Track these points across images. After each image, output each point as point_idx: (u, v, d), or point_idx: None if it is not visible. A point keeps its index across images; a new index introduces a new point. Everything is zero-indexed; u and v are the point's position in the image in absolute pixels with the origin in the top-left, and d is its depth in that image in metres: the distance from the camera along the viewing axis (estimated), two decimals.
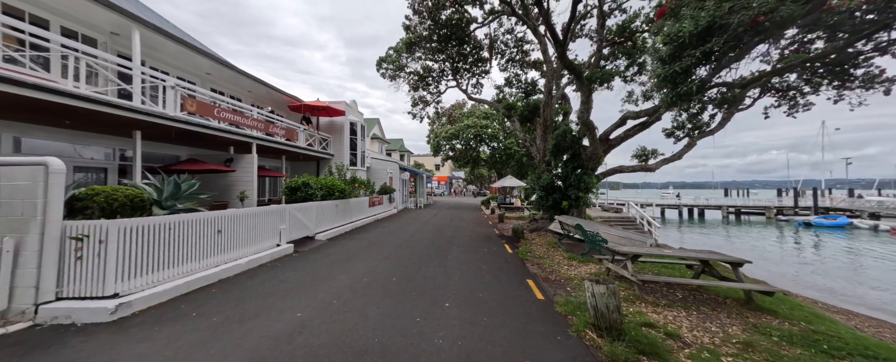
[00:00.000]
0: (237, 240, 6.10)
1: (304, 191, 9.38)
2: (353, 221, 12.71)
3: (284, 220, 7.77)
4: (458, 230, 12.38)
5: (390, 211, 19.00)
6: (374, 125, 29.50)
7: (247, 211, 6.40)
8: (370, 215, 15.10)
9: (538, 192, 11.95)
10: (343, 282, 5.37)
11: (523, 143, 23.60)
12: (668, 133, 12.34)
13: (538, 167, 12.86)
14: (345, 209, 11.96)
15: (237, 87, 13.45)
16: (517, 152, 23.59)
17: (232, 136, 9.88)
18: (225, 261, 5.74)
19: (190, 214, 5.05)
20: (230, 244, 5.91)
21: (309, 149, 14.66)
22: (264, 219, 7.01)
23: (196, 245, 5.15)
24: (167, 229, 4.69)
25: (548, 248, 8.98)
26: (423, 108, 20.01)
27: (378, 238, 10.12)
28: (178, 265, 4.83)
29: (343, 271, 6.12)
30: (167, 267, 4.67)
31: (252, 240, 6.57)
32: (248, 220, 6.43)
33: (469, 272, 6.22)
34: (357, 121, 18.43)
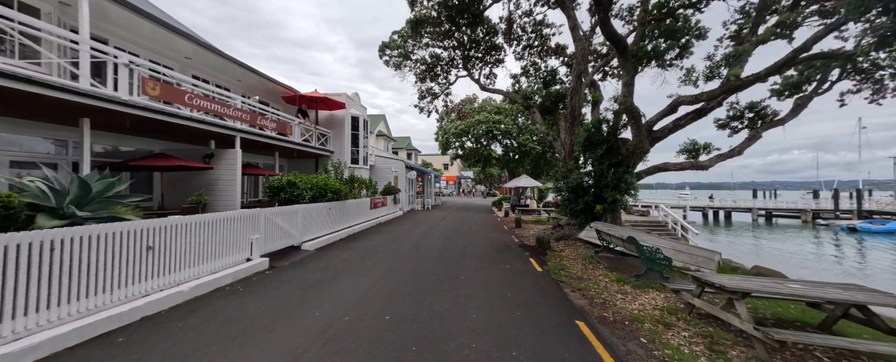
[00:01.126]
0: (181, 257, 4.59)
1: (289, 191, 7.90)
2: (351, 226, 11.19)
3: (258, 228, 6.26)
4: (470, 237, 10.73)
5: (395, 213, 17.48)
6: (380, 121, 28.08)
7: (198, 219, 4.89)
8: (371, 218, 13.58)
9: (565, 194, 10.19)
10: (314, 324, 3.79)
11: (544, 138, 21.74)
12: (721, 124, 10.44)
13: (564, 164, 11.09)
14: (340, 212, 10.45)
15: (225, 76, 12.09)
16: (532, 149, 21.77)
17: (209, 128, 8.46)
18: (159, 288, 4.23)
19: (100, 226, 3.55)
20: (169, 264, 4.40)
21: (305, 144, 13.22)
22: (228, 227, 5.51)
23: (110, 269, 3.66)
24: (58, 248, 3.20)
25: (584, 264, 7.25)
26: (431, 101, 18.40)
27: (377, 247, 8.55)
28: (72, 301, 3.33)
29: (321, 300, 4.55)
30: (49, 305, 3.17)
31: (207, 257, 5.07)
32: (199, 231, 4.92)
33: (491, 304, 4.57)
34: (359, 116, 16.95)
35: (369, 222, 13.00)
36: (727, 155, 9.48)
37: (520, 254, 8.18)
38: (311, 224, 8.40)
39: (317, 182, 8.94)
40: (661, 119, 9.07)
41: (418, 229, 12.43)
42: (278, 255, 7.01)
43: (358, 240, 9.60)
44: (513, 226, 13.84)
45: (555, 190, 10.81)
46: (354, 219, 11.74)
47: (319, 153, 14.59)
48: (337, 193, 9.78)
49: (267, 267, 6.16)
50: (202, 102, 8.43)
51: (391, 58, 15.19)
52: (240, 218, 5.79)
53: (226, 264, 5.44)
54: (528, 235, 11.26)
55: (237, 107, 9.70)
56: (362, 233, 11.01)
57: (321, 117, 16.29)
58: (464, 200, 39.04)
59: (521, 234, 11.59)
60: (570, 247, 9.10)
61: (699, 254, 6.91)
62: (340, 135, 16.13)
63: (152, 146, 9.57)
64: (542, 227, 13.45)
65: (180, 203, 9.26)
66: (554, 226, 11.67)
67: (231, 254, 5.59)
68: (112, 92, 6.25)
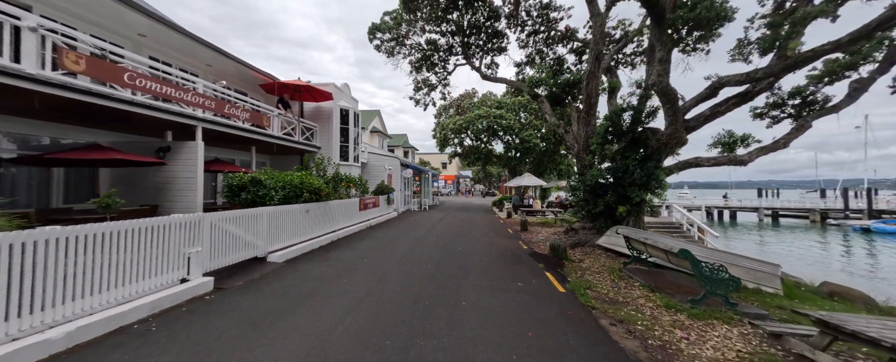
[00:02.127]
0: (60, 286, 3.19)
1: (252, 191, 6.49)
2: (335, 230, 9.78)
3: (200, 239, 4.85)
4: (471, 243, 9.35)
5: (388, 214, 16.08)
6: (374, 117, 26.64)
7: (94, 230, 3.48)
8: (360, 221, 12.18)
9: (581, 194, 8.83)
10: None
11: (548, 134, 20.33)
12: (758, 113, 9.10)
13: (579, 159, 9.73)
14: (322, 215, 9.04)
15: (192, 60, 10.63)
16: (536, 146, 20.40)
17: (159, 115, 7.05)
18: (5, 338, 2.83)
19: None
20: (37, 297, 3.00)
21: (286, 138, 11.80)
22: (150, 239, 4.10)
23: None
24: None
25: (613, 280, 5.89)
26: (427, 93, 16.98)
27: (361, 257, 7.16)
28: None
29: (262, 348, 3.15)
30: None
31: (113, 282, 3.66)
32: (99, 246, 3.51)
33: (508, 354, 3.19)
34: (349, 108, 15.53)
35: (358, 225, 11.61)
36: (770, 147, 8.14)
37: (532, 265, 6.81)
38: (281, 230, 6.99)
39: (291, 180, 7.53)
40: (695, 105, 7.73)
41: (413, 233, 11.04)
42: (233, 271, 5.60)
43: (340, 248, 8.20)
44: (518, 229, 12.48)
45: (568, 189, 9.44)
46: (340, 222, 10.34)
47: (304, 148, 13.17)
48: (317, 193, 8.38)
49: (210, 289, 4.76)
50: (150, 84, 6.99)
51: (383, 42, 13.76)
52: (170, 226, 4.38)
53: (145, 289, 4.02)
54: (537, 240, 9.90)
55: (198, 93, 8.27)
56: (348, 239, 9.61)
57: (307, 110, 14.86)
58: (462, 200, 37.68)
59: (530, 239, 10.23)
60: (589, 257, 7.74)
61: (757, 268, 5.57)
62: (328, 130, 14.71)
63: (98, 137, 8.13)
64: (551, 231, 12.10)
65: (137, 204, 7.85)
66: (566, 229, 10.31)
67: (155, 274, 4.17)
68: (9, 63, 4.82)
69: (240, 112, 9.61)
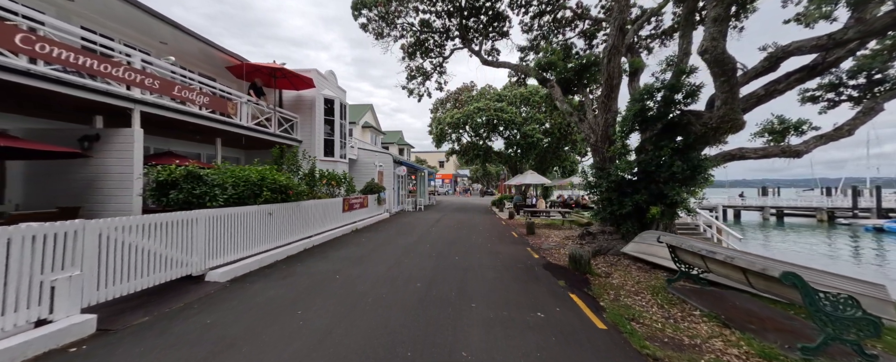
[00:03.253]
0: None
1: (185, 189, 4.96)
2: (310, 236, 8.25)
3: (77, 258, 3.33)
4: (472, 252, 7.88)
5: (379, 215, 14.55)
6: (367, 111, 25.07)
7: None
8: (344, 224, 10.66)
9: (602, 193, 7.38)
10: None
11: (553, 128, 18.86)
12: (809, 97, 7.70)
13: (598, 152, 8.28)
14: (292, 218, 7.52)
15: (142, 36, 9.05)
16: (539, 141, 18.96)
17: (76, 94, 5.53)
18: None
19: None
20: None
21: (257, 129, 10.25)
22: None
23: None
24: None
25: (660, 305, 4.44)
26: (422, 83, 15.47)
27: (334, 273, 5.67)
28: None
29: None
30: None
31: None
32: None
33: None
34: (335, 98, 13.99)
35: (341, 229, 10.08)
36: (832, 136, 6.73)
37: (551, 283, 5.34)
38: (230, 239, 5.46)
39: (246, 175, 6.00)
40: (746, 83, 6.30)
41: (404, 238, 9.54)
42: (145, 299, 4.08)
43: (312, 259, 6.68)
44: (523, 233, 11.02)
45: (584, 186, 7.98)
46: (317, 225, 8.81)
47: (282, 141, 11.61)
48: (283, 192, 6.86)
49: (91, 331, 3.23)
50: (60, 52, 5.44)
51: (370, 21, 12.22)
52: (14, 241, 2.85)
53: None
54: (548, 247, 8.42)
55: (135, 69, 6.71)
56: (325, 247, 8.08)
57: (286, 99, 13.30)
58: (460, 199, 36.24)
59: (538, 245, 8.76)
60: (616, 269, 6.28)
61: (855, 291, 4.13)
62: (310, 122, 13.16)
63: (5, 123, 6.55)
64: (562, 234, 10.65)
65: (53, 205, 6.29)
66: (581, 233, 8.85)
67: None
68: None
69: (195, 96, 8.06)
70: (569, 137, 19.08)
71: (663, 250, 6.01)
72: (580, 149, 20.60)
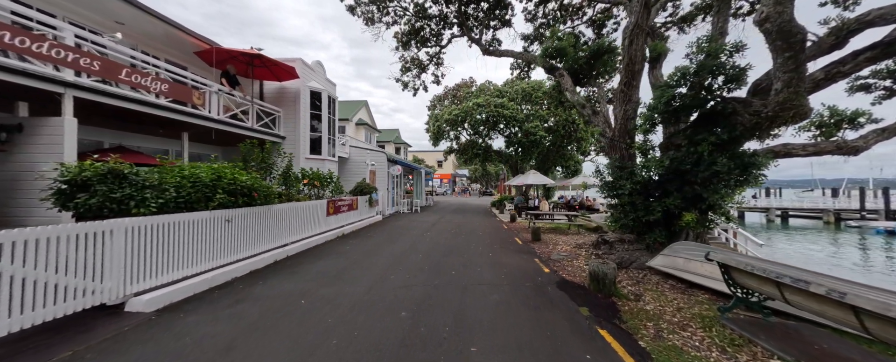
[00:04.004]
0: None
1: (102, 192, 3.84)
2: (285, 245, 7.12)
3: None
4: (471, 264, 6.79)
5: (369, 218, 13.44)
6: (360, 108, 23.93)
7: None
8: (328, 229, 9.54)
9: (624, 195, 6.30)
10: None
11: (558, 125, 17.76)
12: (859, 86, 6.67)
13: (615, 148, 7.21)
14: (259, 225, 6.38)
15: (95, 14, 7.89)
16: (542, 139, 17.89)
17: None
18: None
19: None
20: None
21: (230, 123, 9.13)
22: None
23: None
24: None
25: (720, 346, 3.38)
26: (417, 75, 14.39)
27: (299, 296, 4.57)
28: None
29: None
30: None
31: None
32: None
33: None
34: (321, 91, 12.87)
35: (324, 235, 8.97)
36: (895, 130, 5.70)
37: (570, 310, 4.26)
38: (164, 255, 4.35)
39: (195, 174, 4.89)
40: (810, 60, 5.23)
41: (394, 245, 8.44)
42: (24, 342, 2.97)
43: (275, 277, 5.57)
44: (528, 239, 9.94)
45: (603, 188, 6.90)
46: (294, 232, 7.69)
47: (262, 137, 10.50)
48: (246, 194, 5.74)
49: None
50: None
51: (359, 3, 11.10)
52: None
53: None
54: (559, 258, 7.34)
55: (66, 46, 5.58)
56: (300, 258, 6.97)
57: (268, 91, 12.18)
58: (459, 200, 35.18)
59: (547, 255, 7.68)
60: (646, 288, 5.20)
61: None
62: (294, 116, 12.03)
63: None
64: (572, 241, 9.57)
65: None
66: (596, 242, 7.77)
67: None
68: None
69: (151, 81, 6.93)
70: (573, 135, 18.03)
71: (703, 265, 4.95)
72: (584, 148, 19.57)
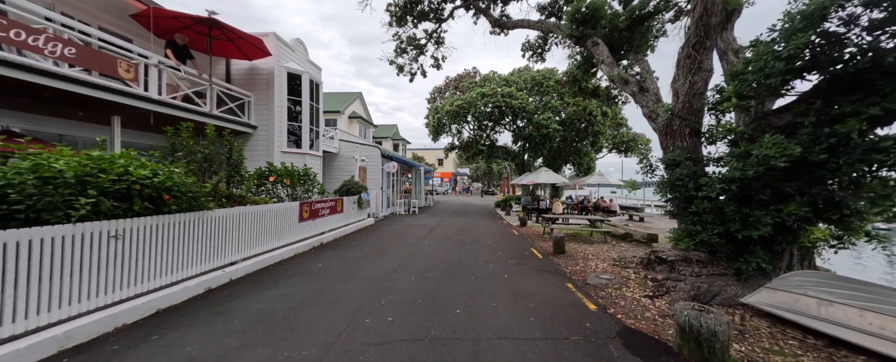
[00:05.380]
0: None
1: None
2: (222, 267, 5.23)
3: None
4: (482, 292, 4.93)
5: (357, 222, 11.57)
6: (354, 100, 22.04)
7: None
8: (301, 238, 7.68)
9: (700, 201, 4.41)
10: None
11: (573, 117, 15.69)
12: None
13: (671, 134, 5.32)
14: (177, 241, 4.47)
15: None
16: (556, 133, 15.98)
17: None
18: None
19: None
20: None
21: (176, 105, 7.28)
22: None
23: None
24: None
25: None
26: (415, 57, 12.51)
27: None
28: None
29: None
30: None
31: None
32: None
33: None
34: (302, 74, 11.01)
35: (293, 246, 7.11)
36: None
37: None
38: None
39: (45, 165, 3.04)
40: None
41: (379, 262, 6.57)
42: None
43: (188, 324, 3.69)
44: (548, 250, 8.06)
45: (662, 188, 5.00)
46: (246, 246, 5.82)
47: (224, 125, 8.67)
48: (151, 198, 3.89)
49: None
50: None
51: None
52: None
53: None
54: (603, 284, 5.43)
55: None
56: (243, 284, 5.09)
57: (236, 72, 10.32)
58: (460, 199, 33.33)
59: (583, 277, 5.78)
60: (763, 348, 3.33)
61: None
62: (266, 101, 10.17)
63: None
64: (603, 253, 7.67)
65: None
66: (647, 260, 5.86)
67: None
68: None
69: (45, 42, 5.07)
70: (589, 129, 16.12)
71: (863, 315, 3.07)
72: (600, 144, 17.68)
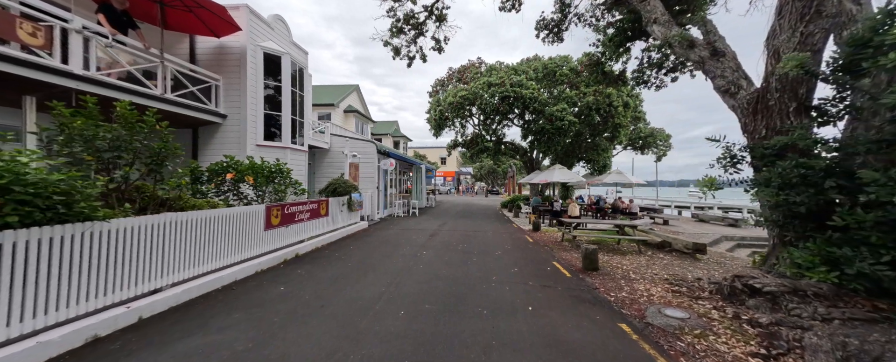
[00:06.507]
0: None
1: None
2: (126, 302, 3.67)
3: None
4: (503, 337, 3.35)
5: (347, 226, 10.02)
6: (350, 92, 20.52)
7: None
8: (266, 251, 6.10)
9: (852, 210, 2.80)
10: None
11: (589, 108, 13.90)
12: None
13: (762, 110, 3.68)
14: (79, 257, 2.96)
15: None
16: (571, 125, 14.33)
17: None
18: None
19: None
20: None
21: (111, 85, 5.80)
22: None
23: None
24: None
25: None
26: (413, 39, 10.94)
27: None
28: None
29: None
30: None
31: None
32: None
33: None
34: (282, 55, 9.50)
35: (256, 261, 5.57)
36: None
37: None
38: None
39: None
40: None
41: (360, 285, 5.00)
42: None
43: None
44: (576, 266, 6.46)
45: (773, 185, 3.35)
46: (181, 266, 4.27)
47: (182, 112, 7.19)
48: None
49: None
50: None
51: None
52: None
53: None
54: (675, 330, 3.79)
55: None
56: (151, 329, 3.52)
57: (204, 51, 8.82)
58: (463, 199, 31.77)
59: (635, 311, 4.18)
60: None
61: None
62: (238, 85, 8.67)
63: None
64: (650, 271, 6.05)
65: None
66: (731, 288, 4.22)
67: None
68: None
69: None
70: (609, 121, 14.44)
71: None
72: (620, 138, 16.01)
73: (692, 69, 8.92)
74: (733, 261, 7.53)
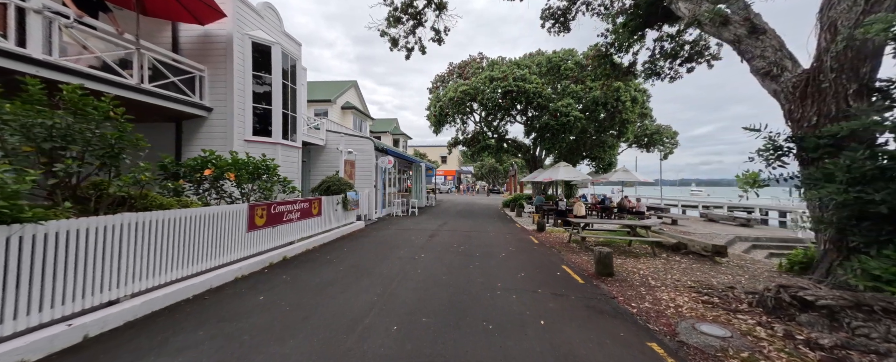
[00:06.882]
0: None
1: None
2: (99, 308, 3.11)
3: None
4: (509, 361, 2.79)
5: (342, 226, 9.47)
6: (348, 88, 19.96)
7: None
8: (250, 255, 5.56)
9: None
10: None
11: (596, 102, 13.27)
12: None
13: (815, 93, 3.10)
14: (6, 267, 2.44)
15: None
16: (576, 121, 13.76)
17: None
18: None
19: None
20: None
21: (65, 68, 5.25)
22: None
23: None
24: None
25: None
26: (412, 29, 10.37)
27: None
28: None
29: None
30: None
31: None
32: None
33: None
34: (273, 45, 8.95)
35: (237, 266, 5.02)
36: None
37: None
38: None
39: None
40: None
41: (349, 295, 4.46)
42: None
43: None
44: (589, 270, 5.91)
45: (836, 183, 2.79)
46: (146, 273, 3.72)
47: (162, 104, 6.66)
48: None
49: None
50: None
51: None
52: None
53: None
54: (716, 347, 3.23)
55: None
56: (120, 339, 2.96)
57: (188, 40, 8.28)
58: (464, 199, 31.24)
59: (664, 326, 3.64)
60: None
61: None
62: (225, 78, 8.12)
63: None
64: (671, 277, 5.49)
65: None
66: (776, 299, 3.66)
67: None
68: None
69: None
70: (617, 117, 13.87)
71: None
72: (627, 135, 15.43)
73: (710, 59, 8.33)
74: (757, 264, 6.97)
